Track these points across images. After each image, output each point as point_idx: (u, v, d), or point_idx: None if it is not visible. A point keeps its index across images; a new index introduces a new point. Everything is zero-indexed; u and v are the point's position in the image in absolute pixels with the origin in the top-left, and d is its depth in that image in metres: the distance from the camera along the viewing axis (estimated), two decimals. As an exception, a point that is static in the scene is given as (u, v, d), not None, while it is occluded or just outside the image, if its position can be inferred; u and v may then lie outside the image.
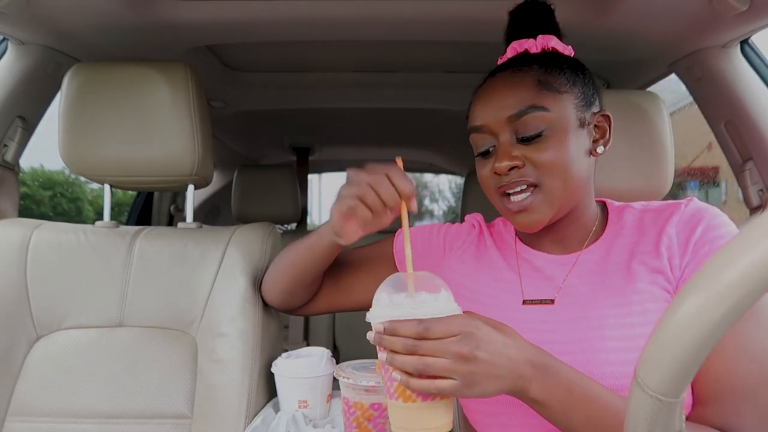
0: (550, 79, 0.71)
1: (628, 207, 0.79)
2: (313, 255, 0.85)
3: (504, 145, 0.72)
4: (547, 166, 0.70)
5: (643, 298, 0.68)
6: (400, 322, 0.58)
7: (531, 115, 0.70)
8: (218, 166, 2.55)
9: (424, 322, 0.57)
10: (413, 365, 0.57)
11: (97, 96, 1.06)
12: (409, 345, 0.57)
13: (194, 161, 1.07)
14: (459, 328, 0.57)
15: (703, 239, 0.68)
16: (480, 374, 0.56)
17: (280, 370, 0.97)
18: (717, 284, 0.32)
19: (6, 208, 1.20)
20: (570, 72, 0.73)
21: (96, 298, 1.03)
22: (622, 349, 0.66)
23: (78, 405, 0.96)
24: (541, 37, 0.76)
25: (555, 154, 0.70)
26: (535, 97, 0.70)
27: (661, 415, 0.37)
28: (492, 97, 0.73)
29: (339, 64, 1.60)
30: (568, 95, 0.72)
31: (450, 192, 14.88)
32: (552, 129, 0.70)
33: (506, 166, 0.70)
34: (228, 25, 1.18)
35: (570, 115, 0.72)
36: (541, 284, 0.77)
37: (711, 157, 4.95)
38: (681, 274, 0.68)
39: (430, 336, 0.56)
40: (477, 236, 0.89)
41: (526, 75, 0.72)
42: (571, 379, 0.60)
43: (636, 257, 0.72)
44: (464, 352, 0.56)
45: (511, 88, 0.72)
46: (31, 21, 1.09)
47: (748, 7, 0.95)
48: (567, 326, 0.71)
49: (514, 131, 0.71)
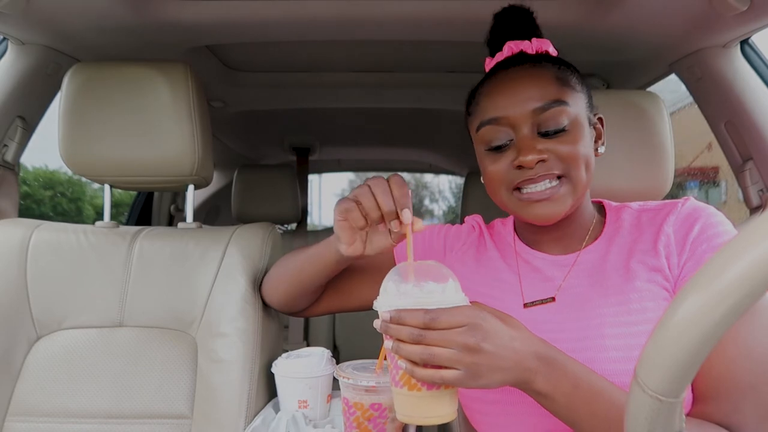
0: (566, 77, 0.73)
1: (626, 207, 0.80)
2: (318, 265, 0.85)
3: (526, 139, 0.72)
4: (573, 158, 0.71)
5: (642, 296, 0.69)
6: (407, 311, 0.58)
7: (556, 109, 0.70)
8: (218, 166, 2.55)
9: (431, 312, 0.57)
10: (419, 354, 0.57)
11: (97, 96, 1.06)
12: (415, 334, 0.57)
13: (194, 161, 1.07)
14: (466, 319, 0.57)
15: (701, 237, 0.68)
16: (485, 366, 0.56)
17: (280, 370, 0.97)
18: (717, 284, 0.32)
19: (6, 208, 1.20)
20: (577, 73, 0.76)
21: (96, 299, 1.03)
22: (621, 347, 0.66)
23: (78, 405, 0.96)
24: (536, 40, 0.78)
25: (577, 147, 0.71)
26: (557, 91, 0.71)
27: (661, 415, 0.37)
28: (512, 89, 0.73)
29: (339, 64, 1.60)
30: (581, 94, 0.74)
31: (450, 192, 14.87)
32: (573, 124, 0.71)
33: (533, 159, 0.70)
34: (228, 25, 1.18)
35: (584, 112, 0.74)
36: (541, 285, 0.77)
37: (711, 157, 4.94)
38: (679, 272, 0.69)
39: (437, 326, 0.56)
40: (477, 237, 0.89)
41: (545, 70, 0.73)
42: (577, 374, 0.60)
43: (634, 256, 0.72)
44: (470, 343, 0.56)
45: (534, 81, 0.72)
46: (31, 21, 1.09)
47: (748, 7, 0.95)
48: (567, 326, 0.71)
49: (537, 125, 0.71)
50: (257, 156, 2.71)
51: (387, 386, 0.80)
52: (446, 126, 2.18)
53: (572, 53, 1.28)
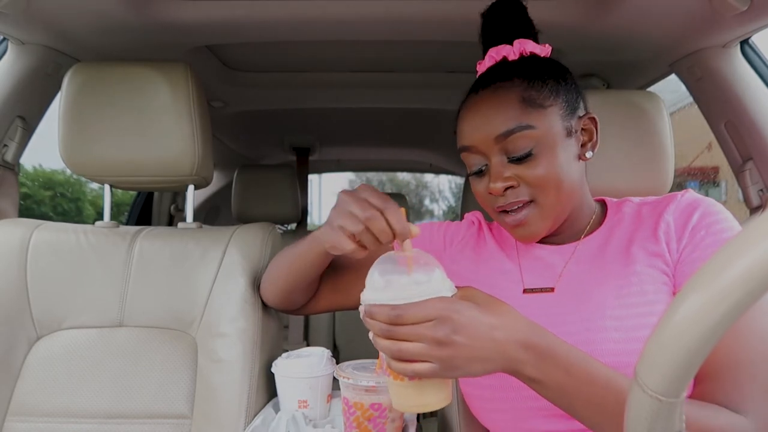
0: (533, 94, 0.71)
1: (627, 200, 0.81)
2: (307, 261, 0.85)
3: (495, 167, 0.73)
4: (540, 182, 0.71)
5: (642, 280, 0.69)
6: (376, 307, 0.58)
7: (518, 135, 0.70)
8: (218, 166, 2.55)
9: (397, 308, 0.57)
10: (389, 349, 0.57)
11: (97, 96, 1.06)
12: (384, 329, 0.57)
13: (194, 161, 1.07)
14: (435, 312, 0.56)
15: (700, 225, 0.69)
16: (459, 357, 0.56)
17: (280, 370, 0.97)
18: (717, 284, 0.32)
19: (6, 208, 1.20)
20: (552, 82, 0.73)
21: (96, 299, 1.03)
22: (622, 328, 0.67)
23: (78, 405, 0.96)
24: (517, 43, 0.76)
25: (546, 170, 0.71)
26: (520, 114, 0.71)
27: (661, 415, 0.37)
28: (477, 116, 0.73)
29: (339, 64, 1.60)
30: (552, 108, 0.72)
31: (450, 192, 14.88)
32: (540, 146, 0.71)
33: (501, 187, 0.72)
34: (228, 25, 1.18)
35: (556, 127, 0.72)
36: (542, 272, 0.78)
37: (711, 157, 4.94)
38: (678, 256, 0.70)
39: (403, 322, 0.56)
40: (477, 231, 0.90)
41: (510, 92, 0.72)
42: (570, 360, 0.59)
43: (635, 243, 0.73)
44: (439, 337, 0.55)
45: (495, 107, 0.72)
46: (31, 21, 1.09)
47: (748, 7, 0.95)
48: (567, 310, 0.72)
49: (504, 151, 0.72)
50: (257, 156, 2.72)
51: (387, 386, 0.80)
52: (446, 126, 2.17)
53: (572, 53, 1.29)
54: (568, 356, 0.59)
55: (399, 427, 0.86)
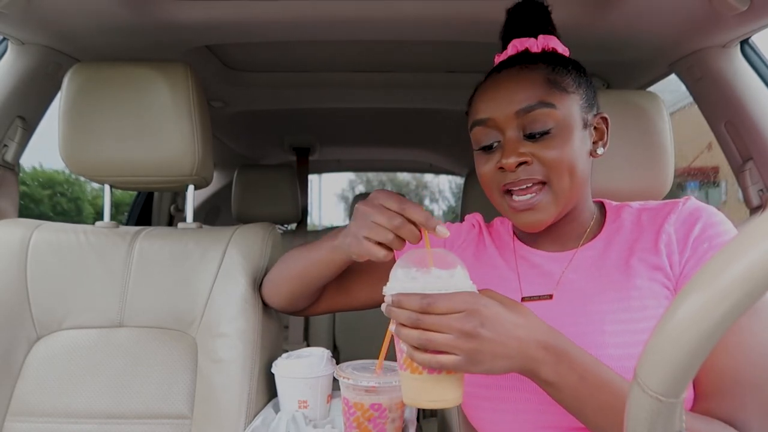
0: (558, 78, 0.72)
1: (626, 206, 0.80)
2: (324, 267, 0.85)
3: (511, 141, 0.71)
4: (556, 163, 0.70)
5: (643, 294, 0.69)
6: (405, 295, 0.58)
7: (540, 111, 0.70)
8: (218, 166, 2.55)
9: (429, 297, 0.57)
10: (416, 339, 0.57)
11: (97, 96, 1.06)
12: (413, 318, 0.57)
13: (194, 161, 1.07)
14: (464, 305, 0.56)
15: (702, 237, 0.68)
16: (484, 352, 0.56)
17: (280, 370, 0.97)
18: (717, 284, 0.32)
19: (6, 208, 1.20)
20: (575, 73, 0.74)
21: (96, 299, 1.03)
22: (621, 344, 0.67)
23: (78, 405, 0.96)
24: (542, 37, 0.77)
25: (563, 152, 0.70)
26: (544, 93, 0.70)
27: (661, 415, 0.37)
28: (499, 91, 0.73)
29: (339, 64, 1.60)
30: (574, 95, 0.72)
31: (450, 192, 14.88)
32: (559, 127, 0.70)
33: (514, 161, 0.70)
34: (228, 25, 1.18)
35: (575, 114, 0.72)
36: (539, 280, 0.77)
37: (711, 157, 4.94)
38: (681, 270, 0.69)
39: (434, 311, 0.56)
40: (477, 235, 0.89)
41: (535, 72, 0.72)
42: (585, 366, 0.59)
43: (635, 254, 0.72)
44: (467, 329, 0.56)
45: (520, 83, 0.72)
46: (31, 21, 1.09)
47: (748, 7, 0.95)
48: (565, 320, 0.71)
49: (522, 127, 0.71)
50: (257, 156, 2.72)
51: (387, 386, 0.80)
52: (446, 126, 2.18)
53: (572, 53, 1.28)
54: (583, 361, 0.60)
55: (399, 427, 0.86)
